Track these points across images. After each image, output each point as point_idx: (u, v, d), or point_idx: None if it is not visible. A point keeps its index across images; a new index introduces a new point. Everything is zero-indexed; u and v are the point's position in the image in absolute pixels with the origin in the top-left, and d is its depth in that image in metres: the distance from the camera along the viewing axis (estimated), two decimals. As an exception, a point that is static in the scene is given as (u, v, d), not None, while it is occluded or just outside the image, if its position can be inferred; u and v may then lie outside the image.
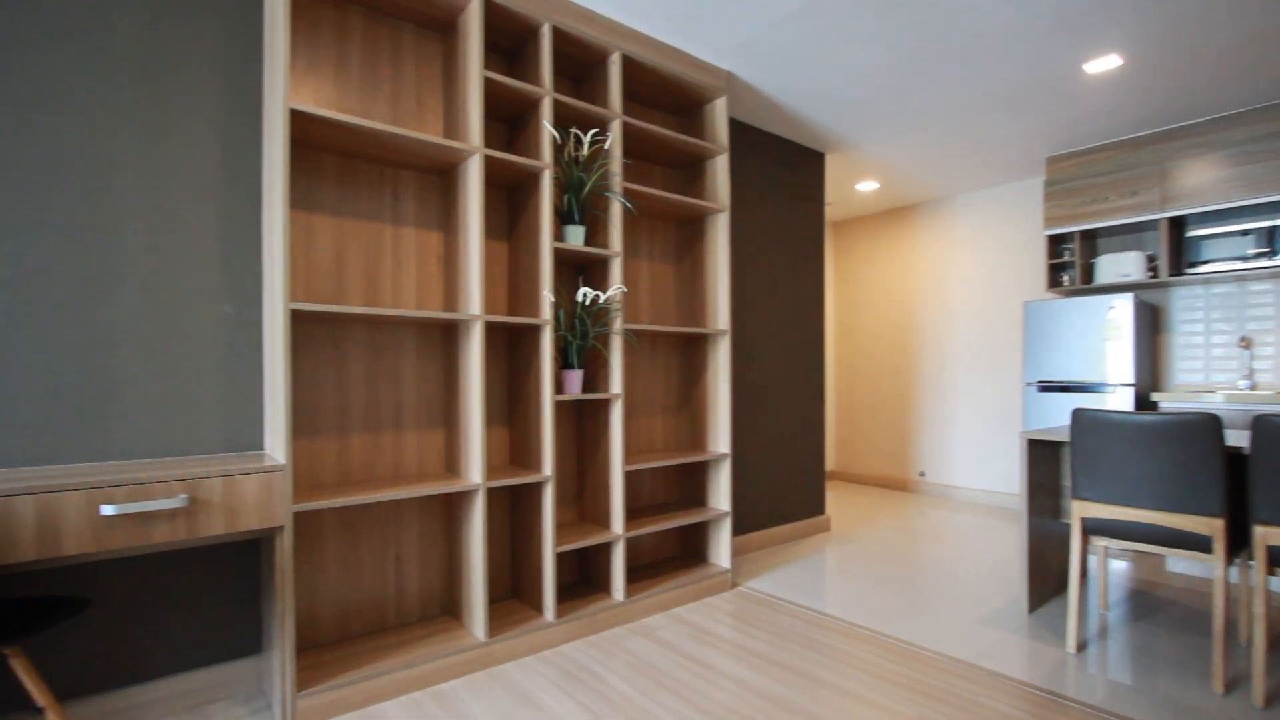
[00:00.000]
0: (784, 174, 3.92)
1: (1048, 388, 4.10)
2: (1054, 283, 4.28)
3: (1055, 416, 4.06)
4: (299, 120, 1.91)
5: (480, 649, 2.20)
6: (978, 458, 5.08)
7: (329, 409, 2.20)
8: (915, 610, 2.76)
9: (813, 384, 4.08)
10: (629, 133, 2.76)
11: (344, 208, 2.23)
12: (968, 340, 5.16)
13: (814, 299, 4.10)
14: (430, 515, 2.42)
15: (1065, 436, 2.60)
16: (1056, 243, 4.32)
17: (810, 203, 4.09)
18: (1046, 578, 2.87)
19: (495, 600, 2.58)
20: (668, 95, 3.02)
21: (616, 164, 2.58)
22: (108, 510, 1.53)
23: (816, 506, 4.09)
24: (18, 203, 1.74)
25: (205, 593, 2.01)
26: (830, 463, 6.14)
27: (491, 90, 2.33)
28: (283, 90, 1.83)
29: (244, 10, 2.08)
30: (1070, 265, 4.27)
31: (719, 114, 3.03)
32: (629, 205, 2.66)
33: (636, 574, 2.93)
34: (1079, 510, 2.34)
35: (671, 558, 3.19)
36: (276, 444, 1.90)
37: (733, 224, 3.60)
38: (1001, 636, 2.48)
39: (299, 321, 2.13)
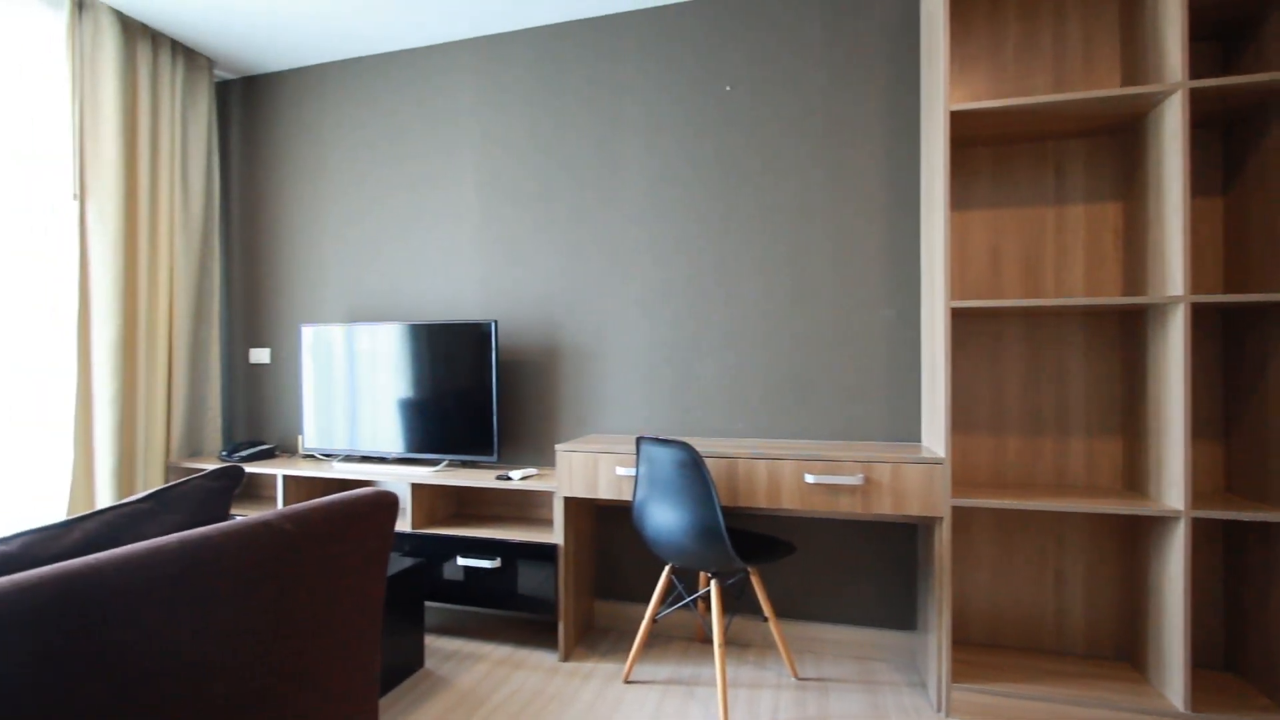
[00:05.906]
0: None
1: None
2: None
3: None
4: (957, 120, 1.94)
5: (1179, 721, 1.74)
6: None
7: (983, 407, 2.15)
8: None
9: None
10: None
11: (998, 199, 2.14)
12: None
13: None
14: (1102, 537, 2.07)
15: None
16: None
17: None
18: None
19: (1196, 664, 2.00)
20: None
21: None
22: (809, 478, 1.91)
23: None
24: (758, 239, 2.38)
25: (871, 564, 2.28)
26: None
27: (1196, 2, 1.80)
28: (943, 97, 1.88)
29: (899, 41, 2.25)
30: None
31: None
32: None
33: None
34: None
35: None
36: (934, 438, 1.98)
37: None
38: None
39: (953, 319, 2.16)
